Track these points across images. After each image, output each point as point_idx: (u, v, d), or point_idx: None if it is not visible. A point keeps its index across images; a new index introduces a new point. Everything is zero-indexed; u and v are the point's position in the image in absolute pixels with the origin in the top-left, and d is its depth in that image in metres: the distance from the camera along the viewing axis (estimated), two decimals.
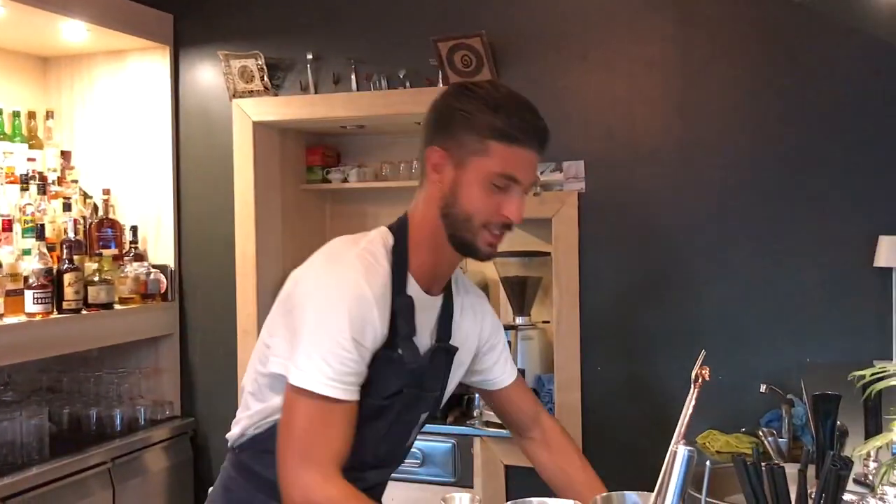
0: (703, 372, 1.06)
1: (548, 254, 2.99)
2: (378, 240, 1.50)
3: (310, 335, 1.37)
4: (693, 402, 1.06)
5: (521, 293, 3.04)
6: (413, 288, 1.50)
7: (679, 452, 1.02)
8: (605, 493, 1.12)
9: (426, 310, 1.53)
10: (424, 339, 1.53)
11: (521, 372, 2.96)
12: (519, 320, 3.03)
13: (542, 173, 2.89)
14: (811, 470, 1.21)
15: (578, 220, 2.86)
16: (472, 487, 2.90)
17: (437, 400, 1.61)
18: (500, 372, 1.74)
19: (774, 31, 2.70)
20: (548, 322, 3.05)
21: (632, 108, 2.84)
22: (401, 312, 1.45)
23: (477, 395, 3.08)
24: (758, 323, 2.71)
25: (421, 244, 1.51)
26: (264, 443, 1.48)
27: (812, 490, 1.00)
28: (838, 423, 1.25)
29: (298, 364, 1.36)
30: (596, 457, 2.77)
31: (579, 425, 2.84)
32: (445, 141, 1.45)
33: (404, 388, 1.48)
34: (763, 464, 1.03)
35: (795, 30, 2.67)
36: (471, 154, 1.42)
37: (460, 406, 3.13)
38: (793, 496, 1.04)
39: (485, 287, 3.44)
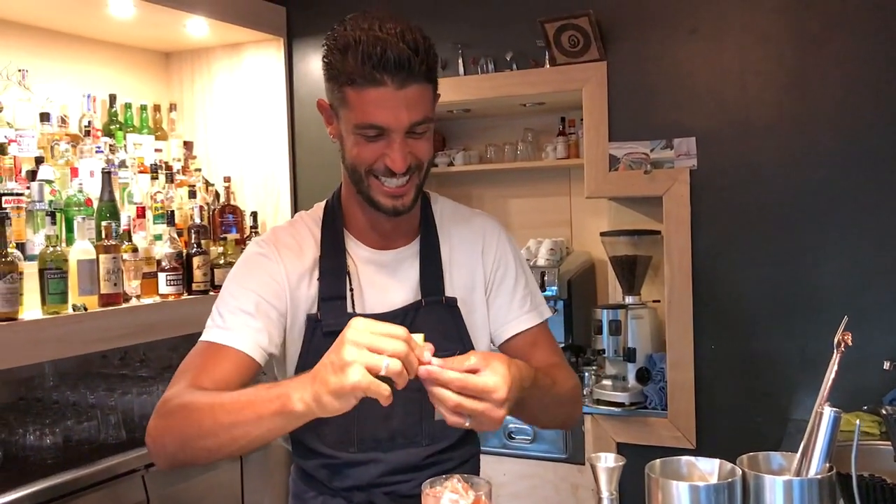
0: (846, 337, 1.07)
1: (658, 232, 2.97)
2: (315, 208, 1.50)
3: (217, 300, 1.43)
4: (835, 368, 1.07)
5: (631, 272, 3.04)
6: (355, 247, 1.45)
7: (825, 413, 1.03)
8: (751, 453, 1.14)
9: (385, 266, 1.45)
10: (394, 296, 1.43)
11: (631, 351, 3.00)
12: (629, 299, 3.03)
13: (651, 150, 2.89)
14: None
15: (690, 197, 2.84)
16: (583, 465, 2.92)
17: None
18: (503, 321, 1.48)
19: None
20: (658, 301, 3.04)
21: (744, 82, 2.79)
22: (324, 275, 1.41)
23: (586, 373, 3.11)
24: (877, 299, 2.63)
25: (349, 201, 1.45)
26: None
27: None
28: None
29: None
30: (710, 434, 2.82)
31: (692, 402, 2.83)
32: (327, 92, 1.35)
33: None
34: None
35: None
36: (339, 105, 1.32)
37: None
38: None
39: (591, 267, 3.46)
